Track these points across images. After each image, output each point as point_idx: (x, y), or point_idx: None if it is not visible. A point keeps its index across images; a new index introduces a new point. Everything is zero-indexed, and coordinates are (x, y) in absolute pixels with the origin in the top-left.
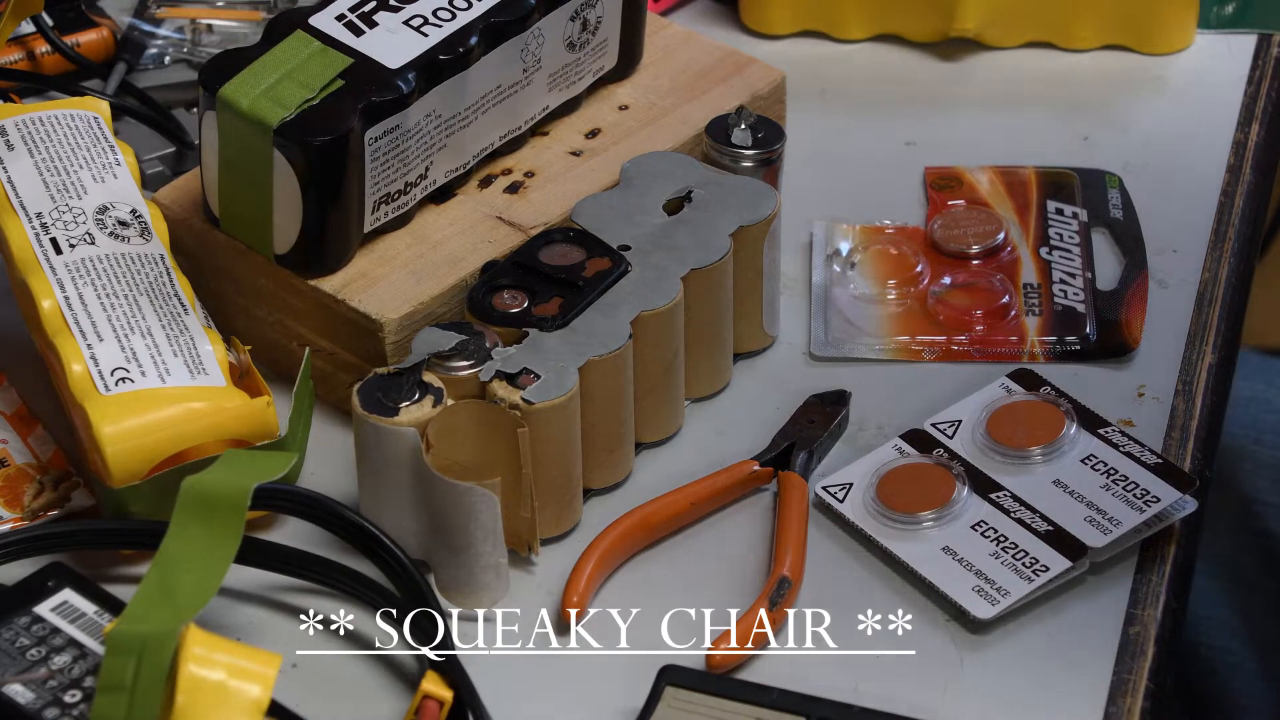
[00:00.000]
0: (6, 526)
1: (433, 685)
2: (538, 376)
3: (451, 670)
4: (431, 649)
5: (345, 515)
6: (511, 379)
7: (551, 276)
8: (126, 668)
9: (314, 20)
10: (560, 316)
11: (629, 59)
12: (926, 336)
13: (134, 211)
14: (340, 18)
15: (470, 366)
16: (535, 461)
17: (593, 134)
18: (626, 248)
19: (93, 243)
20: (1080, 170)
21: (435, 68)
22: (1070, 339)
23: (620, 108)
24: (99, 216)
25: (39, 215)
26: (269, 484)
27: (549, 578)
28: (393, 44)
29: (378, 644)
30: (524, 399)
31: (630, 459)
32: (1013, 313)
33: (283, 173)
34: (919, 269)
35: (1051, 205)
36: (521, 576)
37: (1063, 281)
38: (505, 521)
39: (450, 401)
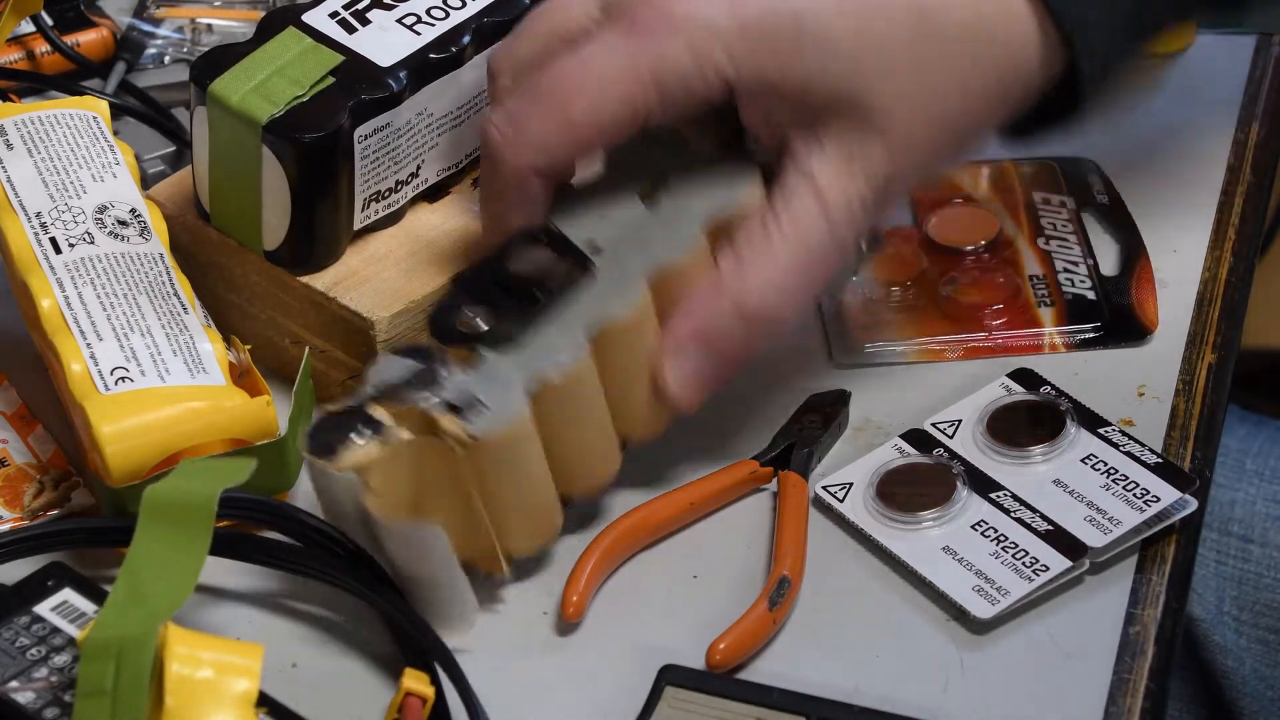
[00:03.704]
0: (6, 526)
1: (414, 682)
2: (486, 407)
3: (449, 670)
4: (414, 636)
5: (307, 522)
6: (460, 410)
7: (513, 287)
8: (105, 673)
9: (306, 17)
10: (514, 334)
11: None
12: (946, 336)
13: (133, 211)
14: (333, 15)
15: (422, 399)
16: (493, 488)
17: None
18: (597, 248)
19: (92, 242)
20: (1058, 159)
21: (427, 66)
22: (1086, 326)
23: None
24: (98, 216)
25: (38, 215)
26: (229, 493)
27: (549, 578)
28: (385, 42)
29: (377, 643)
30: (469, 434)
31: (610, 464)
32: (1025, 306)
33: (271, 169)
34: (923, 270)
35: (1038, 195)
36: (521, 576)
37: (1067, 270)
38: (472, 543)
39: (401, 436)
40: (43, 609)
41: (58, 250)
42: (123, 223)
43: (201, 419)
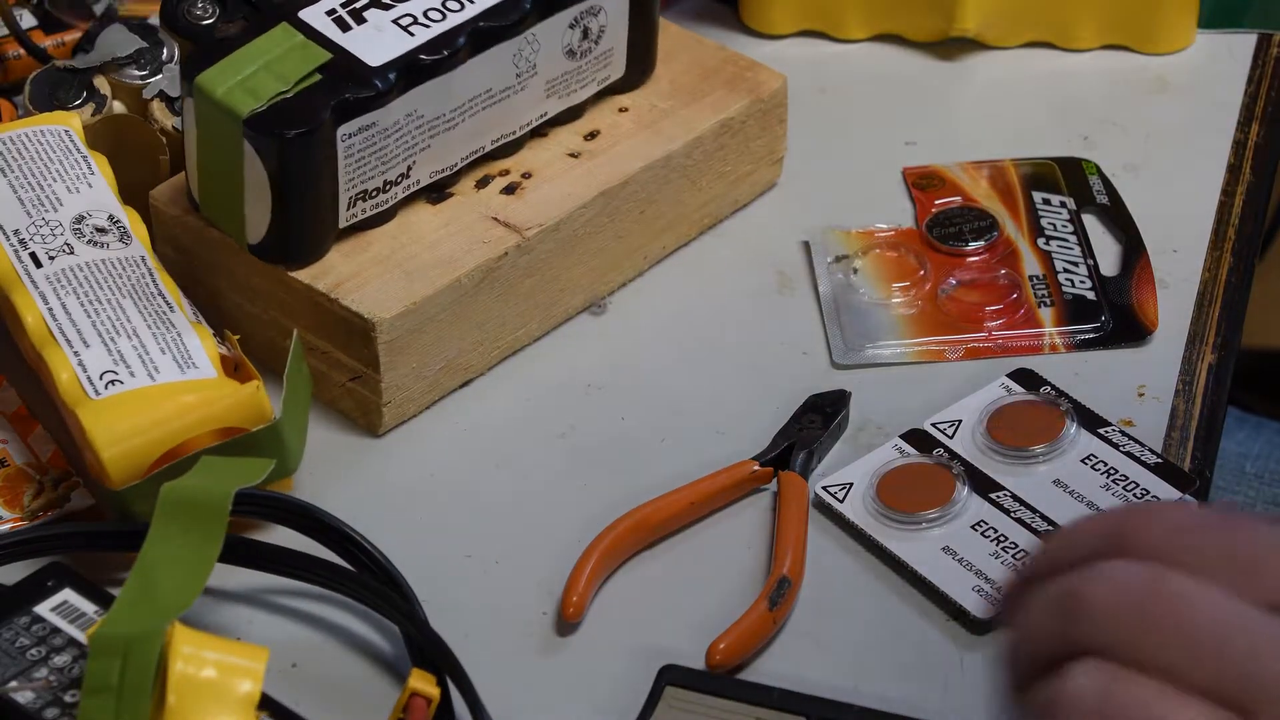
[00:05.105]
0: (6, 526)
1: (420, 682)
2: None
3: (450, 669)
4: (424, 646)
5: (322, 519)
6: (173, 102)
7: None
8: (112, 669)
9: (303, 14)
10: (239, 36)
11: (639, 70)
12: (946, 336)
13: (111, 217)
14: (330, 13)
15: (142, 78)
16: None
17: (591, 135)
18: None
19: (72, 252)
20: (1058, 160)
21: (417, 68)
22: (1086, 327)
23: (620, 110)
24: (76, 226)
25: (16, 232)
26: (245, 490)
27: (549, 578)
28: (377, 42)
29: (378, 644)
30: (174, 127)
31: None
32: (1025, 306)
33: (252, 164)
34: (923, 271)
35: (1038, 196)
36: (521, 576)
37: (1067, 270)
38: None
39: (114, 108)
40: (43, 609)
41: (38, 264)
42: (101, 230)
43: (194, 412)
